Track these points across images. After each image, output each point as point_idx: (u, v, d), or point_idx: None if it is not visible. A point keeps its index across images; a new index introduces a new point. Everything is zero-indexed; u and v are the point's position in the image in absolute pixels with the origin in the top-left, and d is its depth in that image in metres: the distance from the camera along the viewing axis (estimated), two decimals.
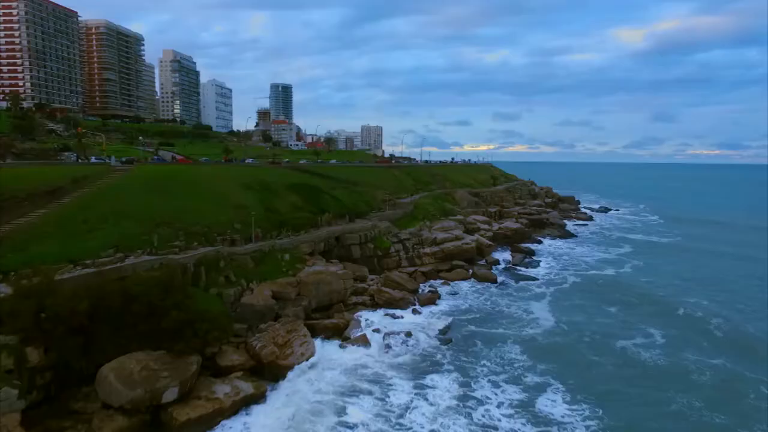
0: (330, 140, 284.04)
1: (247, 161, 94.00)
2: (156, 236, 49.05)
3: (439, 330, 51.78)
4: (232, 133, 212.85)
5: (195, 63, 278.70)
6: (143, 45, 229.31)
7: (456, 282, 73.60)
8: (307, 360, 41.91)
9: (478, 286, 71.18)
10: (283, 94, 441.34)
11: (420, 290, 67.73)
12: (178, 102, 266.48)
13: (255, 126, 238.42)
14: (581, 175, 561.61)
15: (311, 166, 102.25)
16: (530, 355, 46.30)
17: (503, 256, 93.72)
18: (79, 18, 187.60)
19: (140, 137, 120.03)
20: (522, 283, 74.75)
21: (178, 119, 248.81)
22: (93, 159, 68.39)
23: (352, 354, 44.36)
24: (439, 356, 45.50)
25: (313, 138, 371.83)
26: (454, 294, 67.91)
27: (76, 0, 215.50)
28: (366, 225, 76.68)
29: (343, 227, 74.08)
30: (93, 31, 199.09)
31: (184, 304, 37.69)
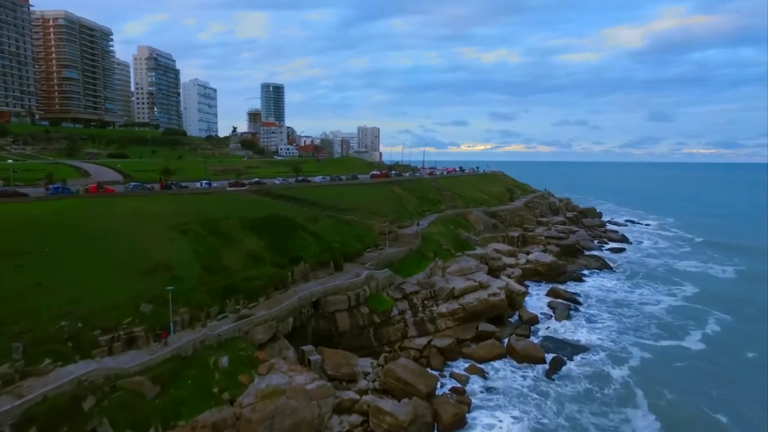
0: (323, 143, 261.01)
1: (198, 185, 70.50)
2: None
3: None
4: (209, 138, 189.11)
5: (174, 61, 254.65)
6: (112, 40, 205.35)
7: (488, 364, 50.96)
8: None
9: (526, 376, 48.32)
10: (274, 95, 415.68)
11: (438, 386, 45.03)
12: (155, 104, 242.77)
13: (232, 131, 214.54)
14: (582, 176, 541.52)
15: (287, 187, 79.00)
16: None
17: (539, 305, 71.42)
18: (31, 8, 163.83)
19: (85, 149, 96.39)
20: (579, 359, 52.68)
21: (154, 122, 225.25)
22: None
23: None
24: None
25: (305, 141, 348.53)
26: (489, 391, 45.28)
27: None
28: (357, 280, 53.73)
29: (324, 286, 51.13)
30: (50, 23, 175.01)
31: None
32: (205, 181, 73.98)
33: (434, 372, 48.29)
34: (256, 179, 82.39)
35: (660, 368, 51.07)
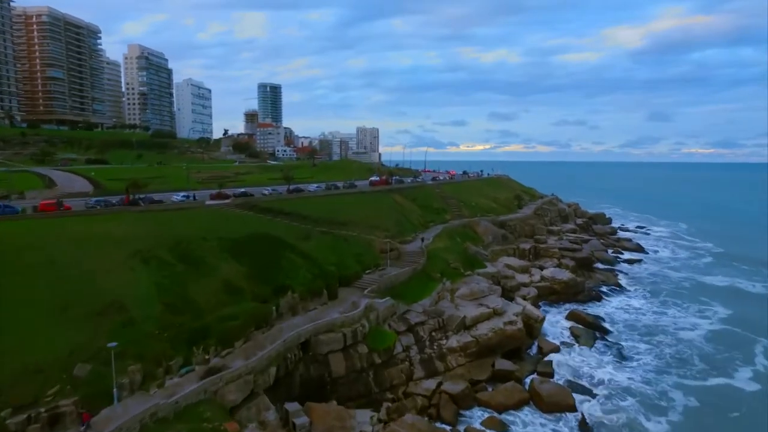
0: (321, 144, 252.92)
1: (175, 197, 62.23)
2: None
3: None
4: (200, 141, 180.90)
5: (167, 60, 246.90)
6: (100, 38, 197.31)
7: (509, 415, 43.01)
8: None
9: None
10: (271, 95, 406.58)
11: None
12: (147, 104, 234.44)
13: (224, 134, 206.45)
14: (582, 176, 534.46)
15: (276, 199, 70.82)
16: None
17: (559, 331, 63.64)
18: (12, 4, 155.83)
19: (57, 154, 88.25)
20: (611, 405, 44.76)
21: (144, 124, 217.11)
22: None
23: None
24: None
25: (303, 142, 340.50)
26: None
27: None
28: (354, 313, 45.73)
29: (315, 323, 43.05)
30: (33, 20, 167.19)
31: None
32: (183, 193, 65.60)
33: (446, 426, 40.51)
34: (243, 189, 74.09)
35: (711, 419, 43.22)
